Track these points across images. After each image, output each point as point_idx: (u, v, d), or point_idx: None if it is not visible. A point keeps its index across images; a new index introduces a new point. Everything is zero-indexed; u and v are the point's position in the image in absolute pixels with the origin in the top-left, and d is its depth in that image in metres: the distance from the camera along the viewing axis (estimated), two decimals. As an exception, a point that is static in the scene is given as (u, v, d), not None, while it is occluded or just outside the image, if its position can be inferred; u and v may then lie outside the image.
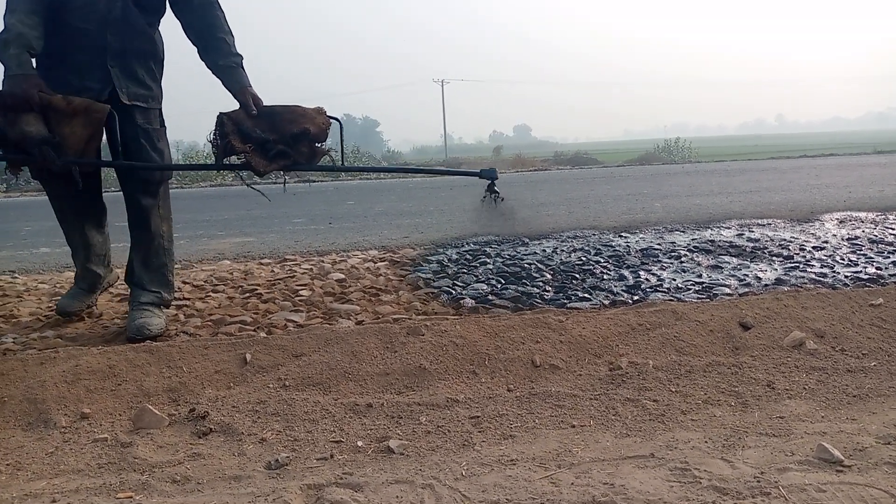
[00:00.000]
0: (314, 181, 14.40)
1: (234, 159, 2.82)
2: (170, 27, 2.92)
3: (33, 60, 2.54)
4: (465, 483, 1.68)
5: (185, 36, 2.89)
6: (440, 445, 1.94)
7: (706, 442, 1.87)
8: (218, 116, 2.78)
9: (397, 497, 1.61)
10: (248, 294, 3.46)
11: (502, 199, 3.05)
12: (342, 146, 2.99)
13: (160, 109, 2.92)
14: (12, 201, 11.58)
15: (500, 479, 1.69)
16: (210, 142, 2.81)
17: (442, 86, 61.95)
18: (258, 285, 3.62)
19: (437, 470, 1.76)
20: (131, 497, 1.67)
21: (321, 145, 2.87)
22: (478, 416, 2.10)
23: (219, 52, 2.84)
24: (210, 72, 2.87)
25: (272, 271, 4.04)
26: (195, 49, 2.89)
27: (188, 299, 3.38)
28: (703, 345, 2.58)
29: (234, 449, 1.94)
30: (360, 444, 1.95)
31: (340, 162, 3.00)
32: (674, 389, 2.25)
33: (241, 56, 2.88)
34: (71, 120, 2.55)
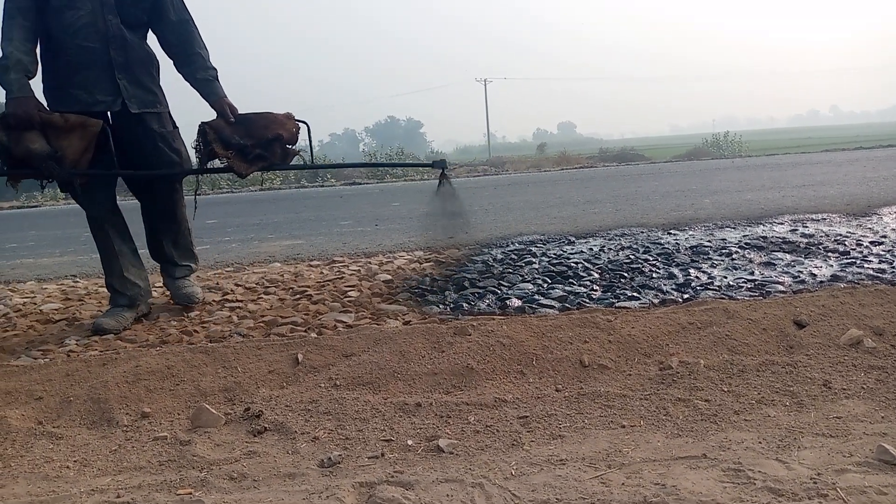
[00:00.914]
0: (359, 183, 14.56)
1: (216, 164, 3.12)
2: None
3: (30, 84, 2.77)
4: (515, 482, 1.69)
5: (162, 50, 3.15)
6: (489, 445, 1.95)
7: (760, 442, 1.84)
8: (200, 126, 3.05)
9: (447, 495, 1.63)
10: (298, 295, 3.53)
11: (450, 184, 3.37)
12: (311, 145, 3.34)
13: (169, 112, 3.17)
14: (70, 208, 12.01)
15: (549, 478, 1.70)
16: (193, 148, 3.09)
17: (485, 85, 61.87)
18: (308, 287, 3.69)
19: (487, 469, 1.78)
20: (191, 493, 1.73)
21: (292, 147, 3.16)
22: (526, 416, 2.10)
23: (196, 66, 3.11)
24: (188, 83, 3.15)
25: (321, 273, 4.11)
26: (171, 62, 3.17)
27: (241, 301, 3.47)
28: (756, 343, 2.53)
29: (287, 447, 1.99)
30: (410, 442, 1.98)
31: (310, 160, 3.35)
32: (726, 389, 2.21)
33: (216, 69, 3.15)
34: (68, 135, 2.80)
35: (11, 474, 1.91)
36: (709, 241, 4.38)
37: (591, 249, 4.35)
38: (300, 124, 3.15)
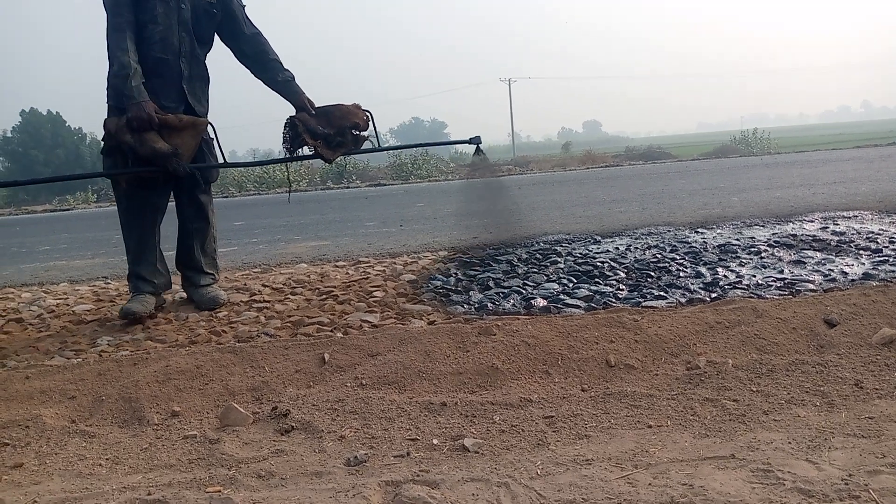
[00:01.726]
0: (384, 185, 14.62)
1: (301, 152, 3.45)
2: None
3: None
4: (541, 482, 1.69)
5: (239, 61, 3.51)
6: (514, 444, 1.95)
7: (790, 443, 1.82)
8: (289, 119, 3.37)
9: (473, 495, 1.63)
10: (324, 296, 3.55)
11: (484, 156, 3.71)
12: (376, 131, 3.60)
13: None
14: (102, 210, 12.23)
15: (575, 478, 1.69)
16: (284, 138, 3.41)
17: (509, 85, 61.72)
18: (334, 287, 3.71)
19: (512, 469, 1.78)
20: (220, 491, 1.75)
21: (361, 133, 3.47)
22: (552, 416, 2.10)
23: (274, 71, 3.47)
24: (268, 87, 3.51)
25: (347, 273, 4.14)
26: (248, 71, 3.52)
27: (268, 302, 3.51)
28: (785, 343, 2.49)
29: (314, 446, 2.00)
30: (435, 442, 1.99)
31: (377, 144, 3.66)
32: (755, 389, 2.19)
33: (291, 71, 3.50)
34: (181, 133, 3.12)
35: (46, 471, 1.95)
36: (737, 240, 4.32)
37: (618, 248, 4.32)
38: (367, 113, 3.47)
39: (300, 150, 3.42)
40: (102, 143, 3.18)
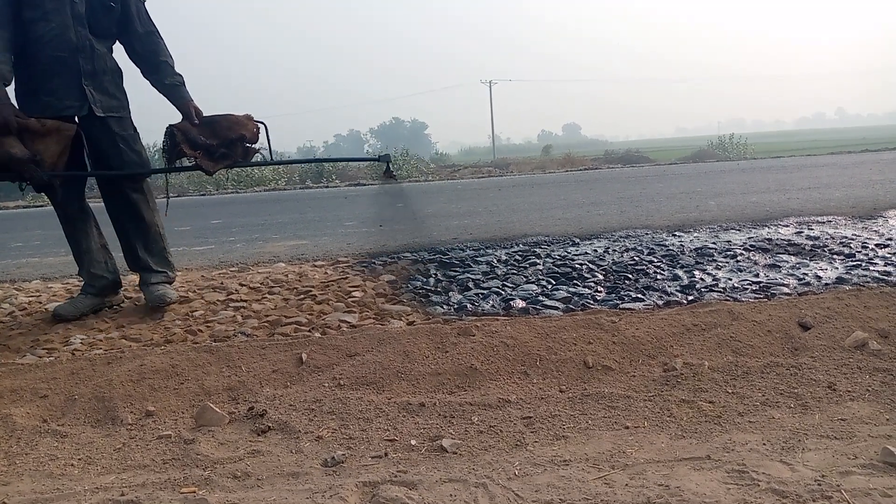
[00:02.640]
0: (364, 184, 14.58)
1: (183, 163, 3.32)
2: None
3: (9, 91, 2.90)
4: (518, 483, 1.69)
5: (130, 59, 3.34)
6: (493, 445, 1.95)
7: (764, 444, 1.84)
8: (167, 128, 3.24)
9: (451, 495, 1.63)
10: (302, 295, 3.53)
11: (397, 181, 3.61)
12: (269, 143, 3.48)
13: (130, 117, 3.33)
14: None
15: (553, 479, 1.69)
16: (162, 149, 3.29)
17: (489, 87, 61.87)
18: (312, 287, 3.69)
19: (490, 469, 1.78)
20: (195, 492, 1.73)
21: (252, 145, 3.36)
22: (530, 417, 2.10)
23: (163, 73, 3.30)
24: (155, 89, 3.33)
25: (325, 273, 4.12)
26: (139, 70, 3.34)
27: (245, 301, 3.47)
28: (760, 345, 2.52)
29: (291, 446, 1.99)
30: (413, 442, 1.98)
31: (269, 157, 3.55)
32: (730, 391, 2.21)
33: (181, 76, 3.34)
34: (45, 139, 2.94)
35: (16, 472, 1.92)
36: (713, 243, 4.37)
37: (596, 251, 4.35)
38: (259, 125, 3.36)
39: (180, 160, 3.27)
40: None
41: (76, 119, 3.13)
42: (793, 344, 2.52)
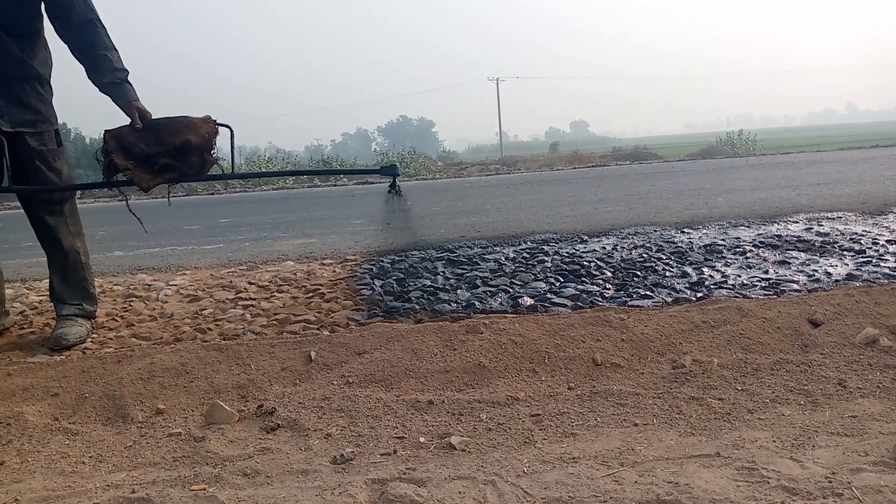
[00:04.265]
0: (372, 183, 14.60)
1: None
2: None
3: None
4: (527, 480, 1.69)
5: (73, 56, 2.89)
6: (501, 442, 1.95)
7: (774, 441, 1.83)
8: (104, 133, 2.81)
9: (460, 493, 1.63)
10: (311, 294, 3.54)
11: (402, 196, 3.03)
12: (232, 153, 2.97)
13: (56, 129, 2.94)
14: (86, 207, 12.12)
15: (562, 476, 1.69)
16: (96, 160, 2.83)
17: (497, 84, 61.75)
18: (321, 285, 3.70)
19: (499, 467, 1.78)
20: (205, 489, 1.74)
21: (213, 153, 2.86)
22: (539, 414, 2.10)
23: (102, 70, 2.83)
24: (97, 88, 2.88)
25: (334, 271, 4.13)
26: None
27: (254, 299, 3.49)
28: (770, 342, 2.51)
29: (300, 444, 1.99)
30: (422, 440, 1.98)
31: (231, 169, 2.95)
32: (740, 388, 2.20)
33: (125, 71, 2.88)
34: None
35: (28, 469, 1.93)
36: (722, 240, 4.35)
37: (604, 248, 4.34)
38: (220, 128, 2.88)
39: (118, 172, 2.77)
40: None
41: None
42: (803, 341, 2.51)
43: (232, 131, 2.91)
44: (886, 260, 3.55)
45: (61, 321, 2.96)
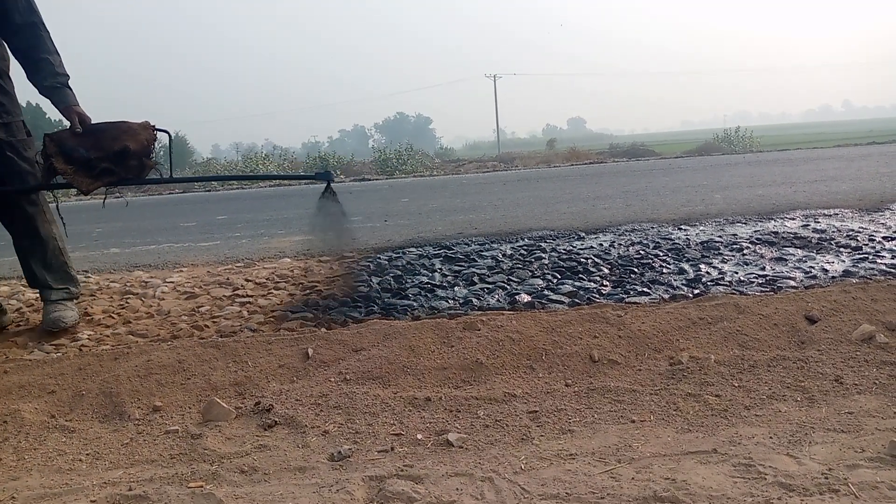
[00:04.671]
0: (369, 180, 14.56)
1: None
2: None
3: None
4: (525, 476, 1.69)
5: (14, 58, 2.92)
6: (499, 439, 1.95)
7: (771, 438, 1.83)
8: (43, 138, 2.86)
9: (457, 489, 1.63)
10: (308, 290, 3.54)
11: (336, 200, 3.19)
12: (171, 157, 3.06)
13: (22, 120, 2.98)
14: (83, 204, 12.09)
15: (559, 472, 1.70)
16: (37, 163, 2.91)
17: (494, 81, 61.73)
18: (318, 282, 3.70)
19: (496, 463, 1.78)
20: (202, 486, 1.74)
21: (151, 158, 2.93)
22: (536, 411, 2.10)
23: (43, 73, 2.86)
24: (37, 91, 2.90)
25: (331, 268, 4.12)
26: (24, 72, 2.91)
27: (251, 296, 3.48)
28: (767, 339, 2.52)
29: (298, 441, 1.99)
30: (419, 437, 1.98)
31: (169, 174, 3.06)
32: (737, 384, 2.21)
33: (66, 75, 2.91)
34: None
35: (25, 467, 1.93)
36: (719, 237, 4.35)
37: (601, 245, 4.34)
38: (157, 134, 2.96)
39: (56, 175, 2.84)
40: None
41: None
42: (799, 337, 2.51)
43: (171, 137, 3.02)
44: (883, 256, 3.56)
45: (53, 305, 3.04)
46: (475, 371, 2.39)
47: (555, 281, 3.47)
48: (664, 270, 3.55)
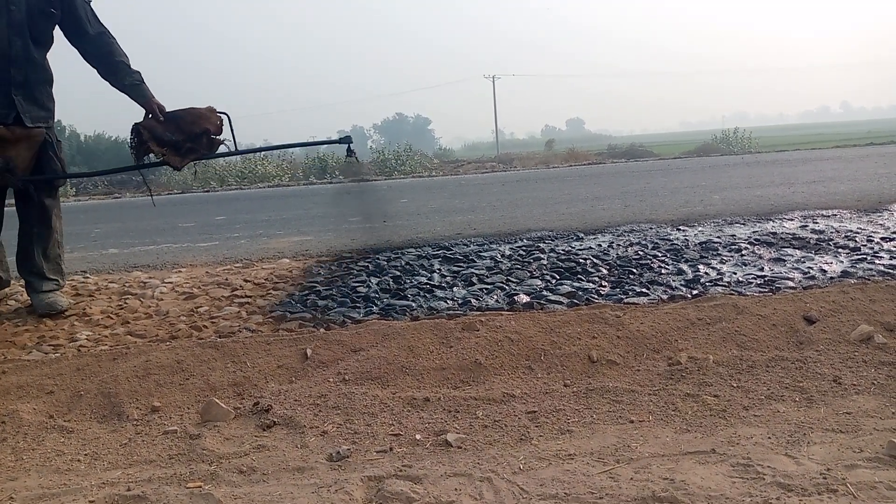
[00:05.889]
0: (368, 180, 14.56)
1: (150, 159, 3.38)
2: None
3: None
4: (523, 477, 1.69)
5: (86, 62, 3.29)
6: (497, 439, 1.95)
7: (769, 438, 1.84)
8: (133, 126, 3.27)
9: (456, 490, 1.63)
10: (307, 291, 3.53)
11: (357, 160, 3.71)
12: (233, 133, 3.48)
13: (54, 125, 3.33)
14: (82, 204, 12.08)
15: (557, 473, 1.70)
16: (130, 147, 3.32)
17: (493, 81, 61.72)
18: (317, 283, 3.69)
19: (495, 463, 1.78)
20: (201, 486, 1.74)
21: (217, 137, 3.37)
22: (534, 411, 2.11)
23: (121, 74, 3.27)
24: (115, 89, 3.30)
25: (330, 269, 4.12)
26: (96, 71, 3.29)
27: (250, 297, 3.48)
28: (765, 339, 2.52)
29: (296, 441, 1.99)
30: (418, 437, 1.98)
31: (234, 147, 3.51)
32: (735, 385, 2.21)
33: (140, 73, 3.31)
34: (16, 146, 3.05)
35: (23, 467, 1.93)
36: (718, 238, 4.36)
37: (600, 245, 4.34)
38: (222, 116, 3.36)
39: (147, 157, 3.31)
40: None
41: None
42: (798, 338, 2.52)
43: (229, 117, 3.40)
44: (881, 257, 3.56)
45: (43, 293, 3.29)
46: (474, 371, 2.39)
47: (553, 281, 3.47)
48: (663, 271, 3.56)
